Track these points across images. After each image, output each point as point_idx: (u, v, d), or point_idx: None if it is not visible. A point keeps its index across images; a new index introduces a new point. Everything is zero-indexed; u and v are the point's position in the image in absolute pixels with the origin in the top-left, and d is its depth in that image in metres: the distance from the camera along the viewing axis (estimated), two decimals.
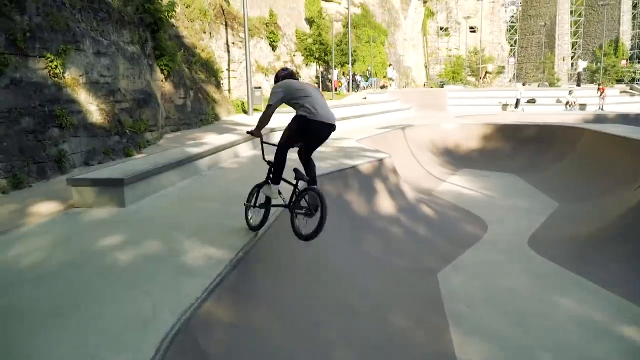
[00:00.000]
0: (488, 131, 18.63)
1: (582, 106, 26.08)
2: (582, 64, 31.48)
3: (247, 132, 5.35)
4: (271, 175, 5.15)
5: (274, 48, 29.85)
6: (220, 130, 13.76)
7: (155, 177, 7.17)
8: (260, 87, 19.77)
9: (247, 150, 11.52)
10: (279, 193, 5.10)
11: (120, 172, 6.75)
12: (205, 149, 9.20)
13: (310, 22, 36.20)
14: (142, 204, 6.56)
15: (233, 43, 23.59)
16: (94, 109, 9.62)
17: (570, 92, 27.16)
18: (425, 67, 74.60)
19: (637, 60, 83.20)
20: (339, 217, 8.24)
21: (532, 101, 28.19)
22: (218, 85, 18.36)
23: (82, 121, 9.22)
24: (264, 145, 5.35)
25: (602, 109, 25.43)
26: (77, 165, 8.94)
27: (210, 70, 17.80)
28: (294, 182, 5.09)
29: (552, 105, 27.65)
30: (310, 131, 4.81)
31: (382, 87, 33.27)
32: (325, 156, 10.66)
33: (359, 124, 18.81)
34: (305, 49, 30.03)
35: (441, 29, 79.33)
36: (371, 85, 34.55)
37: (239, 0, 27.89)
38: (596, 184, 12.45)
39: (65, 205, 6.54)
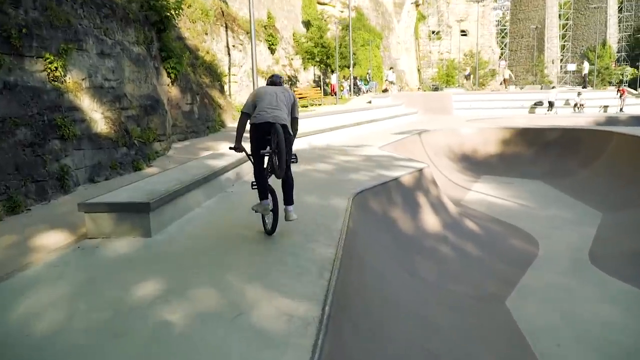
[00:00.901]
0: (507, 135, 17.69)
1: (605, 108, 25.42)
2: (586, 66, 30.83)
3: (230, 148, 5.34)
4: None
5: (272, 51, 28.76)
6: (231, 139, 12.55)
7: (181, 197, 6.02)
8: None
9: None
10: (267, 208, 5.14)
11: (142, 193, 5.60)
12: (227, 162, 8.06)
13: (307, 25, 35.19)
14: (170, 232, 5.41)
15: (234, 46, 22.46)
16: (98, 117, 8.43)
17: (578, 94, 26.39)
18: (418, 70, 74.01)
19: (625, 63, 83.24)
20: (388, 238, 7.19)
21: (539, 104, 27.37)
22: (222, 90, 17.20)
23: (86, 131, 8.03)
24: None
25: (622, 110, 24.79)
26: (81, 183, 7.74)
27: (214, 74, 16.64)
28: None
29: (561, 108, 26.84)
30: (257, 135, 4.89)
31: (384, 90, 32.30)
32: (357, 166, 9.60)
33: (372, 129, 17.76)
34: (306, 52, 28.94)
35: (433, 32, 78.83)
36: (371, 89, 33.59)
37: (237, 1, 26.83)
38: (637, 190, 11.55)
39: (76, 235, 5.36)
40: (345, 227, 5.41)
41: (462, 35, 78.47)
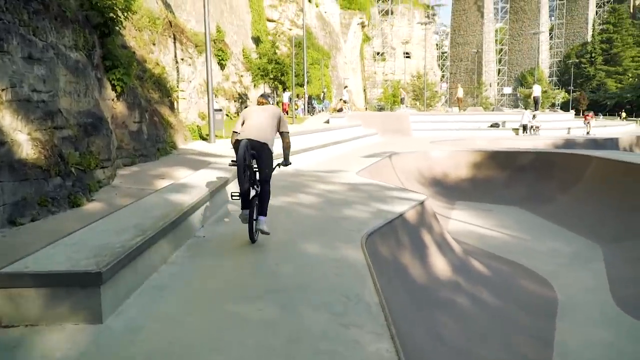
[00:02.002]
0: (478, 158, 16.87)
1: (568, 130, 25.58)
2: (537, 89, 31.18)
3: (230, 164, 5.61)
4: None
5: (222, 67, 27.05)
6: (188, 163, 10.83)
7: (143, 254, 4.31)
8: (221, 110, 16.88)
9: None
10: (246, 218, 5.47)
11: (88, 251, 3.85)
12: (194, 196, 6.37)
13: (257, 41, 33.78)
14: (130, 312, 3.68)
15: (182, 59, 20.59)
16: (23, 139, 6.51)
17: (534, 117, 26.40)
18: (364, 90, 74.19)
19: (556, 87, 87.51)
20: (403, 291, 5.74)
21: (495, 125, 27.21)
22: (172, 107, 15.34)
23: (6, 158, 6.10)
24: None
25: (589, 134, 25.10)
26: None
27: (164, 89, 14.79)
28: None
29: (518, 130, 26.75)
30: (236, 150, 5.28)
31: (339, 110, 31.28)
32: (345, 198, 8.14)
33: (338, 152, 16.43)
34: (258, 68, 27.41)
35: (377, 53, 79.61)
36: (324, 108, 32.50)
37: (184, 13, 25.01)
38: (629, 219, 10.83)
39: None
40: (382, 297, 3.90)
41: (405, 57, 79.79)
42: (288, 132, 5.81)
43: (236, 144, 5.37)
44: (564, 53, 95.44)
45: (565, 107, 72.00)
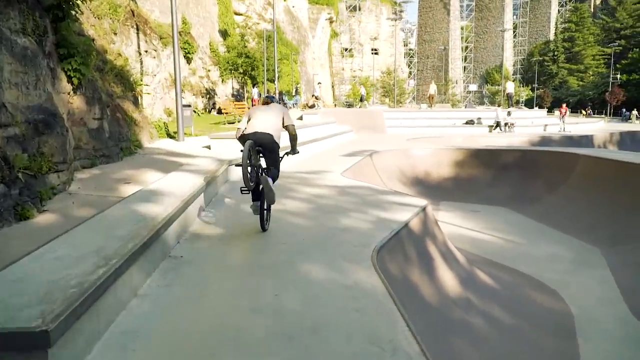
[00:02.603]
0: (460, 157, 16.29)
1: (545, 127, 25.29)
2: (510, 86, 31.11)
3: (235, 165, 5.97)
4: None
5: (188, 61, 25.75)
6: (156, 165, 9.75)
7: (108, 289, 3.32)
8: (190, 106, 15.68)
9: (223, 197, 7.78)
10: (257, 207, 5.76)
11: (33, 293, 2.85)
12: (168, 206, 5.38)
13: (224, 34, 32.48)
14: None
15: (146, 51, 19.26)
16: None
17: (509, 114, 26.17)
18: (332, 87, 73.45)
19: (520, 84, 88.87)
20: (416, 314, 4.92)
21: (470, 122, 26.88)
22: (137, 103, 14.11)
23: None
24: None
25: (564, 130, 24.91)
26: None
27: (127, 83, 13.54)
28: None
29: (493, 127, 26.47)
30: (244, 147, 5.35)
31: (311, 106, 30.31)
32: (337, 204, 7.27)
33: (316, 150, 15.54)
34: (227, 62, 26.18)
35: (345, 49, 78.98)
36: (295, 104, 31.53)
37: (148, 2, 23.61)
38: (627, 220, 10.38)
39: None
40: (422, 345, 3.04)
41: (373, 53, 79.42)
42: (293, 125, 6.05)
43: (242, 139, 5.63)
44: (528, 51, 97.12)
45: (529, 104, 73.21)
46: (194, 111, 24.95)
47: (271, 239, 5.50)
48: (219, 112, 26.48)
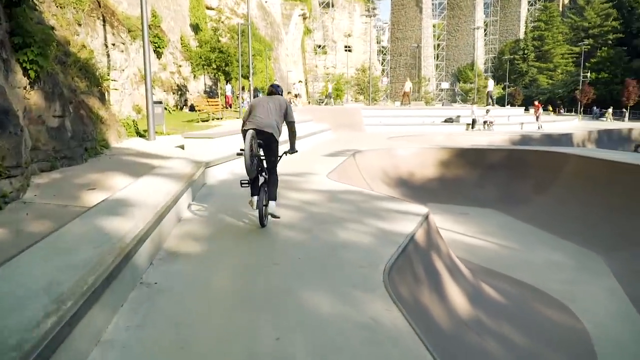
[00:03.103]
0: (445, 156, 15.76)
1: (521, 125, 25.02)
2: (491, 84, 30.88)
3: (238, 154, 5.69)
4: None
5: (159, 55, 24.58)
6: (125, 167, 8.83)
7: (64, 342, 2.51)
8: (161, 103, 14.67)
9: (202, 202, 6.94)
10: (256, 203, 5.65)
11: None
12: (137, 222, 4.55)
13: (196, 28, 31.32)
14: None
15: (113, 45, 18.13)
16: None
17: (487, 112, 25.90)
18: (306, 84, 72.62)
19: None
20: (431, 343, 4.21)
21: (449, 120, 26.52)
22: (103, 99, 13.06)
23: None
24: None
25: (540, 128, 24.69)
26: None
27: (92, 77, 12.50)
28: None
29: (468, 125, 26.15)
30: (244, 139, 5.42)
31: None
32: (330, 212, 6.54)
33: (303, 147, 14.76)
34: (200, 57, 25.10)
35: (318, 46, 78.25)
36: None
37: None
38: (626, 224, 9.98)
39: None
40: None
41: (346, 51, 78.89)
42: (294, 122, 5.96)
43: (244, 133, 5.57)
44: (499, 49, 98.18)
45: (500, 102, 73.88)
46: (165, 108, 23.85)
47: (262, 257, 4.73)
48: (192, 109, 25.41)
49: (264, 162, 5.77)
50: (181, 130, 15.77)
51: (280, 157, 5.90)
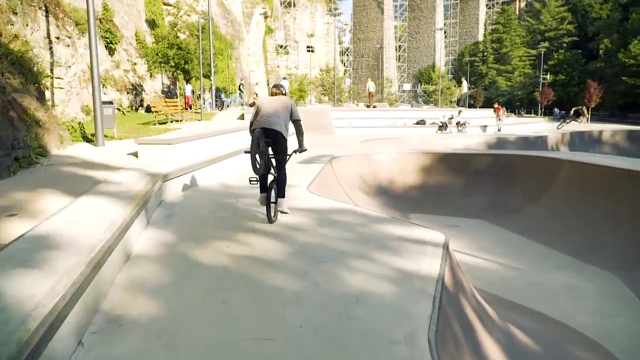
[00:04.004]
0: (427, 162, 14.63)
1: (484, 127, 24.19)
2: (465, 86, 30.12)
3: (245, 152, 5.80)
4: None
5: (111, 52, 22.57)
6: (63, 182, 7.15)
7: None
8: (112, 103, 12.85)
9: (157, 229, 5.40)
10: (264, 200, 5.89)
11: None
12: (62, 276, 3.07)
13: (152, 24, 29.31)
14: None
15: (58, 38, 16.20)
16: None
17: (459, 113, 25.11)
18: (268, 84, 70.91)
19: (456, 85, 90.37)
20: None
21: (422, 122, 25.58)
22: (42, 98, 11.21)
23: None
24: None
25: (500, 130, 23.86)
26: None
27: (29, 74, 10.67)
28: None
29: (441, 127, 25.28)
30: (252, 139, 5.59)
31: (251, 104, 27.76)
32: (338, 246, 5.14)
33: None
34: (157, 54, 23.18)
35: (280, 46, 76.64)
36: (234, 102, 28.94)
37: None
38: (637, 236, 9.04)
39: None
40: None
41: (308, 51, 77.58)
42: (300, 120, 6.05)
43: (251, 132, 5.69)
44: (458, 51, 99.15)
45: (461, 103, 74.31)
46: (118, 109, 21.88)
47: (246, 325, 3.30)
48: (148, 110, 23.50)
49: (273, 160, 5.91)
50: (135, 133, 14.04)
51: (290, 155, 6.04)
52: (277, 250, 4.91)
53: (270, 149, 5.78)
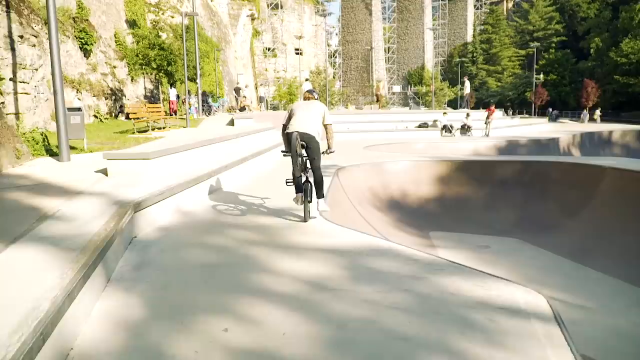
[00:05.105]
0: (443, 170, 12.95)
1: (464, 129, 22.62)
2: (467, 86, 28.49)
3: (282, 152, 6.42)
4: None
5: (87, 54, 20.62)
6: (1, 217, 5.30)
7: None
8: (80, 109, 10.91)
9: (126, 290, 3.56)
10: (301, 199, 6.15)
11: None
12: None
13: (133, 25, 27.38)
14: None
15: (21, 37, 14.28)
16: None
17: (467, 115, 23.47)
18: (256, 88, 69.02)
19: (449, 86, 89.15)
20: None
21: (424, 125, 23.93)
22: None
23: None
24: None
25: (488, 135, 22.13)
26: None
27: None
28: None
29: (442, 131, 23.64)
30: (289, 142, 5.97)
31: (242, 109, 25.93)
32: (399, 327, 3.34)
33: (262, 168, 11.60)
34: (137, 55, 21.23)
35: (268, 49, 74.78)
36: (222, 106, 27.06)
37: None
38: None
39: None
40: None
41: (297, 53, 75.83)
42: (331, 124, 6.36)
43: (287, 137, 6.04)
44: (447, 53, 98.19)
45: (453, 104, 73.10)
46: (95, 116, 19.92)
47: None
48: (128, 117, 21.59)
49: (307, 162, 6.15)
50: (110, 144, 12.16)
51: (321, 155, 6.21)
52: (302, 336, 3.12)
53: (304, 151, 6.03)
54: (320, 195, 6.21)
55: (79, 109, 10.58)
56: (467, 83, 29.14)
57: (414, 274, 4.21)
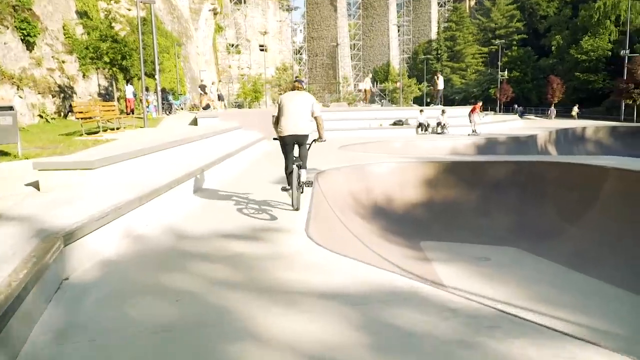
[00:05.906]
0: (431, 173, 11.85)
1: (439, 128, 21.77)
2: (441, 83, 27.57)
3: (274, 139, 6.87)
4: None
5: (30, 47, 18.62)
6: None
7: None
8: (12, 108, 9.19)
9: None
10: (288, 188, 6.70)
11: None
12: None
13: (84, 16, 25.30)
14: None
15: None
16: None
17: (443, 112, 22.56)
18: (212, 84, 66.80)
19: (416, 82, 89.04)
20: None
21: (399, 123, 22.92)
22: None
23: None
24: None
25: (474, 132, 21.27)
26: None
27: None
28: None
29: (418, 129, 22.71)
30: (284, 145, 6.47)
31: (205, 108, 24.22)
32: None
33: (231, 173, 10.21)
34: (86, 47, 19.30)
35: (231, 45, 72.66)
36: (183, 105, 25.33)
37: None
38: None
39: None
40: None
41: (261, 50, 73.98)
42: (321, 115, 6.59)
43: (282, 140, 6.41)
44: (412, 50, 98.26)
45: (418, 101, 72.90)
46: (40, 116, 17.98)
47: None
48: None
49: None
50: (53, 149, 10.51)
51: (310, 145, 6.64)
52: None
53: (296, 146, 6.46)
54: (304, 166, 6.61)
55: (10, 108, 8.92)
56: (441, 79, 28.24)
57: (460, 337, 2.97)
